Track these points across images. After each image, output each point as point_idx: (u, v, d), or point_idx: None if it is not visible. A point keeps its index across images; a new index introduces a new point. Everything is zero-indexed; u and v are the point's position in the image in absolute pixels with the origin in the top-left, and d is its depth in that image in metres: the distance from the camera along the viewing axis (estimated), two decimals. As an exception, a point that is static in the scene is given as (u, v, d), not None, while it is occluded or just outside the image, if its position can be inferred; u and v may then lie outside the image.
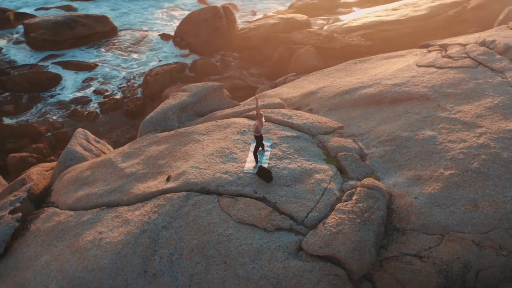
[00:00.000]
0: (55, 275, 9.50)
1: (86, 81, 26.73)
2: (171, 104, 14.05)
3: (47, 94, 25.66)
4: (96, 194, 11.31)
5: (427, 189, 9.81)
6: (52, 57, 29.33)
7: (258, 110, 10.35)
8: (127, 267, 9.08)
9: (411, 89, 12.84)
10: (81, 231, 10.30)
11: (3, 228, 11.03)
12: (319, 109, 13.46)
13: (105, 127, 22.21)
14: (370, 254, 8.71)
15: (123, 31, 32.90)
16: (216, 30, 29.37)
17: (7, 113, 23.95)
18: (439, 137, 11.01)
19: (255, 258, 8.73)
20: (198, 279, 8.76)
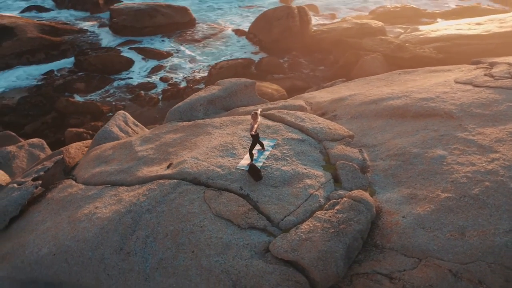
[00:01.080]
0: (50, 240, 10.18)
1: (156, 68, 27.97)
2: (200, 96, 14.41)
3: (118, 76, 27.18)
4: (107, 172, 11.93)
5: (418, 209, 9.33)
6: (129, 42, 30.99)
7: (256, 112, 10.37)
8: (107, 242, 9.53)
9: (437, 105, 12.20)
10: (83, 204, 10.94)
11: (22, 193, 11.96)
12: (343, 116, 13.19)
13: (161, 114, 23.13)
14: (337, 266, 8.48)
15: (201, 24, 33.96)
16: (288, 29, 29.47)
17: (78, 91, 25.71)
18: (449, 157, 10.41)
19: (221, 252, 8.82)
20: (165, 263, 9.02)
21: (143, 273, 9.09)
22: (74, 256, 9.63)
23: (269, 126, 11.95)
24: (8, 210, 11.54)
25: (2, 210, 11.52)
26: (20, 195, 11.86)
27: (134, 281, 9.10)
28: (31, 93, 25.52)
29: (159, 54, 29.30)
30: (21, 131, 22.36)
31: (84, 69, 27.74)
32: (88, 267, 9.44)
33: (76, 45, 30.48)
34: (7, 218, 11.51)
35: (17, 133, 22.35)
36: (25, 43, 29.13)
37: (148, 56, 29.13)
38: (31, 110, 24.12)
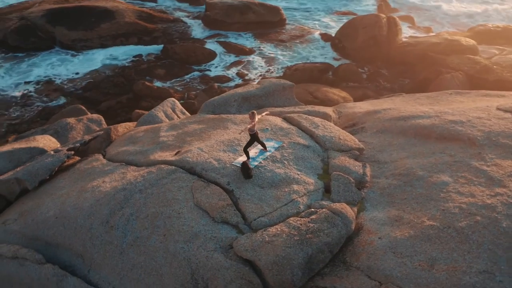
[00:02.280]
0: (58, 204, 11.10)
1: (235, 63, 28.77)
2: (236, 92, 14.73)
3: (198, 67, 28.35)
4: (128, 151, 12.67)
5: (397, 233, 8.90)
6: (217, 36, 32.13)
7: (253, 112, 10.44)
8: (97, 214, 10.21)
9: (464, 130, 11.42)
10: (96, 177, 11.75)
11: (54, 160, 13.06)
12: (369, 129, 12.80)
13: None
14: (293, 274, 8.38)
15: (291, 25, 34.23)
16: (373, 38, 28.78)
17: (158, 76, 27.23)
18: (452, 185, 9.76)
19: (188, 240, 9.09)
20: (140, 242, 9.49)
21: (119, 248, 9.63)
22: (69, 222, 10.43)
23: (282, 129, 11.95)
24: (39, 173, 12.66)
25: (34, 172, 12.66)
26: (52, 161, 12.96)
27: (111, 254, 9.67)
28: (115, 73, 27.47)
29: (241, 50, 30.05)
30: (98, 107, 24.18)
31: (169, 57, 29.26)
32: (78, 233, 10.18)
33: (168, 33, 32.19)
34: (37, 180, 12.62)
35: (94, 108, 24.28)
36: (122, 27, 31.37)
37: (231, 50, 30.00)
38: (111, 89, 26.00)
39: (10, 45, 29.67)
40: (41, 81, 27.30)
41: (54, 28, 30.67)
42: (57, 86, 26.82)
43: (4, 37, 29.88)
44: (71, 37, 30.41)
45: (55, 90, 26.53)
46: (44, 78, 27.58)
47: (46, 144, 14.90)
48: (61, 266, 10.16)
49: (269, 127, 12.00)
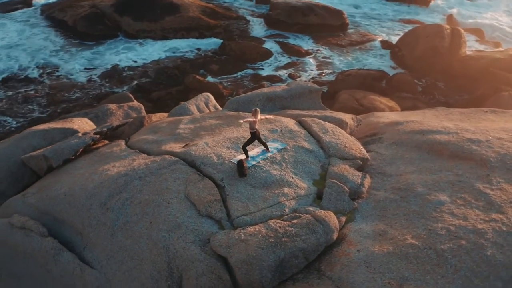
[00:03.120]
0: (70, 183, 11.71)
1: (289, 64, 28.78)
2: (262, 91, 14.81)
3: (251, 65, 28.63)
4: (146, 140, 13.11)
5: (376, 247, 8.66)
6: (276, 36, 32.26)
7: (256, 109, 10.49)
8: (98, 195, 10.69)
9: (478, 150, 10.84)
10: (110, 161, 12.27)
11: (79, 142, 13.71)
12: (387, 140, 12.45)
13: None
14: (261, 275, 8.40)
15: (352, 30, 33.69)
16: (433, 49, 27.70)
17: (211, 71, 27.82)
18: (447, 205, 9.33)
19: (171, 229, 9.34)
20: (129, 226, 9.87)
21: (111, 229, 10.05)
22: (74, 200, 10.98)
23: (292, 131, 11.90)
24: (64, 153, 13.38)
25: (60, 152, 13.39)
26: (77, 142, 13.65)
27: (103, 234, 10.12)
28: (171, 65, 28.36)
29: (298, 51, 29.98)
30: (149, 96, 25.08)
31: (226, 53, 29.77)
32: (80, 212, 10.71)
33: (229, 30, 32.74)
34: (61, 159, 13.35)
35: (145, 97, 25.21)
36: (185, 21, 32.28)
37: (287, 51, 30.03)
38: (164, 80, 26.88)
39: (78, 31, 31.43)
40: (104, 67, 28.69)
41: (121, 17, 32.12)
42: (117, 73, 28.07)
43: (74, 24, 31.70)
44: (135, 27, 31.71)
45: (115, 76, 27.78)
46: (106, 64, 28.96)
47: (81, 126, 15.68)
48: (63, 241, 10.73)
49: (279, 129, 11.99)
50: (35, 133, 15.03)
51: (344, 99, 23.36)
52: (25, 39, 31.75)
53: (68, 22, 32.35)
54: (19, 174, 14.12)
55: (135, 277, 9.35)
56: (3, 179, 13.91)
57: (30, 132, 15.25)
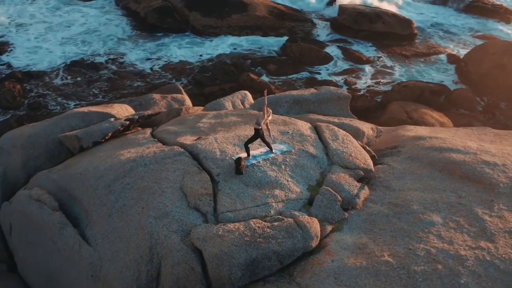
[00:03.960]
0: (88, 164, 12.33)
1: (348, 71, 28.38)
2: (290, 94, 14.77)
3: (309, 68, 28.54)
4: (169, 131, 13.52)
5: (350, 260, 8.46)
6: (340, 41, 31.85)
7: (268, 110, 10.55)
8: (105, 177, 11.23)
9: (491, 173, 10.23)
10: (128, 147, 12.77)
11: (109, 126, 14.34)
12: (403, 154, 12.04)
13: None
14: (231, 271, 8.49)
15: (420, 41, 32.49)
16: (501, 66, 26.15)
17: (268, 71, 28.08)
18: (438, 227, 8.92)
19: (158, 217, 9.64)
20: (124, 209, 10.31)
21: (109, 211, 10.54)
22: (85, 180, 11.61)
23: (302, 135, 11.81)
24: (94, 135, 14.11)
25: (90, 134, 14.13)
26: (107, 127, 14.34)
27: (102, 215, 10.63)
28: (230, 62, 28.85)
29: (358, 58, 29.42)
30: (202, 90, 25.73)
31: (286, 54, 29.85)
32: (88, 191, 11.31)
33: (293, 31, 32.73)
34: (91, 141, 14.07)
35: (198, 91, 25.89)
36: (251, 19, 32.68)
37: (347, 57, 29.57)
38: (220, 76, 27.42)
39: (148, 22, 32.77)
40: (167, 59, 29.72)
41: (190, 12, 33.10)
42: (178, 66, 28.98)
43: (145, 15, 33.10)
44: (203, 22, 32.55)
45: (175, 68, 28.72)
46: (170, 56, 29.99)
47: (119, 112, 16.40)
48: (72, 217, 11.39)
49: (291, 131, 11.94)
50: (75, 115, 15.93)
51: (394, 110, 22.71)
52: (101, 27, 33.57)
53: (140, 13, 33.82)
54: (56, 151, 15.01)
55: (121, 258, 9.76)
56: (41, 154, 14.84)
57: (71, 113, 16.20)
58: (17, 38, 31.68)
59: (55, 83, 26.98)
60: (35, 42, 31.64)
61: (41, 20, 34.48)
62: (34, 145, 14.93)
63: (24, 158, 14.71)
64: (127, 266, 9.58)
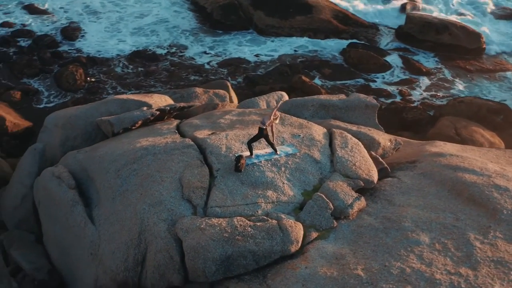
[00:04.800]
0: (109, 149, 12.92)
1: (405, 81, 27.49)
2: (317, 98, 14.67)
3: (365, 75, 27.96)
4: (191, 124, 13.88)
5: (323, 269, 8.36)
6: (402, 50, 30.89)
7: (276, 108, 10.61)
8: (117, 162, 11.74)
9: (498, 198, 9.66)
10: (150, 136, 13.20)
11: (139, 115, 14.89)
12: (418, 170, 11.57)
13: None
14: (205, 265, 8.68)
15: (488, 56, 30.78)
16: None
17: (322, 74, 27.88)
18: (423, 247, 8.60)
19: (152, 204, 9.99)
20: (126, 194, 10.78)
21: (113, 194, 11.05)
22: (101, 162, 12.23)
23: (313, 139, 11.69)
24: (124, 122, 14.74)
25: (122, 120, 14.78)
26: (137, 115, 14.94)
27: (107, 197, 11.17)
28: (287, 63, 28.87)
29: (418, 69, 28.37)
30: (253, 89, 25.98)
31: (344, 59, 29.45)
32: (101, 173, 11.91)
33: (355, 37, 32.13)
34: (121, 127, 14.71)
35: (250, 89, 26.16)
36: (314, 22, 32.45)
37: (407, 67, 28.60)
38: (273, 76, 27.52)
39: (213, 18, 33.42)
40: (225, 55, 30.26)
41: (255, 11, 33.39)
42: (235, 63, 29.38)
43: (211, 11, 33.80)
44: (266, 22, 32.75)
45: (232, 65, 29.13)
46: (228, 53, 30.50)
47: (157, 102, 16.99)
48: (86, 196, 12.01)
49: (302, 135, 11.87)
50: (114, 101, 16.70)
51: (442, 125, 21.77)
52: (169, 18, 34.72)
53: (207, 9, 34.60)
54: (93, 134, 15.83)
55: (115, 239, 10.20)
56: (78, 136, 15.71)
57: (111, 99, 17.01)
58: (90, 25, 33.43)
59: (116, 70, 28.23)
60: (105, 30, 33.23)
61: (114, 9, 36.20)
62: (73, 126, 15.79)
63: (62, 138, 15.60)
64: (119, 248, 10.00)
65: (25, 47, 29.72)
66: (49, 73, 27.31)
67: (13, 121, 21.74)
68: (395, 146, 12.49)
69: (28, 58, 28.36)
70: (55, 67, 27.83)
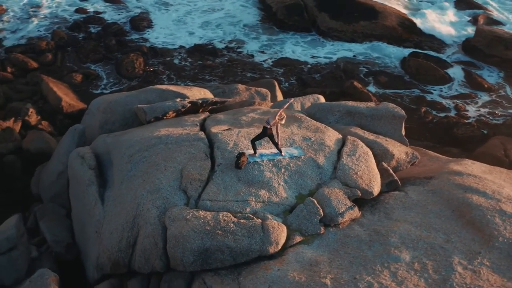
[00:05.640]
0: (133, 134, 13.47)
1: (463, 95, 26.40)
2: (345, 103, 14.42)
3: (422, 86, 27.02)
4: (215, 118, 14.10)
5: (293, 274, 8.32)
6: (465, 63, 29.54)
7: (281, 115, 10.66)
8: (132, 148, 12.23)
9: (498, 224, 9.08)
10: (172, 126, 13.47)
11: (171, 105, 15.32)
12: (429, 186, 11.09)
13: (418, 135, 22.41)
14: (183, 254, 8.93)
15: None
16: None
17: (377, 82, 27.29)
18: (401, 264, 8.33)
19: (150, 191, 10.39)
20: (131, 178, 11.27)
21: (122, 178, 11.60)
22: (120, 147, 12.80)
23: (323, 144, 11.53)
24: (156, 111, 15.26)
25: (154, 109, 15.30)
26: (169, 105, 15.40)
27: (118, 180, 11.73)
28: (343, 67, 28.51)
29: (479, 84, 26.93)
30: (304, 90, 25.91)
31: (403, 68, 28.63)
32: (117, 157, 12.51)
33: (419, 46, 31.10)
34: (153, 116, 15.22)
35: (301, 90, 26.09)
36: (378, 28, 31.75)
37: (468, 81, 27.24)
38: (326, 80, 27.31)
39: (277, 18, 33.62)
40: (282, 54, 30.40)
41: (319, 13, 33.21)
42: (291, 63, 29.44)
43: (276, 10, 34.01)
44: (329, 24, 32.49)
45: (288, 65, 29.21)
46: (285, 53, 30.60)
47: (195, 95, 17.40)
48: (104, 177, 12.64)
49: (313, 139, 11.78)
50: (154, 90, 17.31)
51: (491, 145, 20.68)
52: (236, 14, 35.38)
53: (273, 8, 34.84)
54: (130, 120, 16.50)
55: (115, 221, 10.71)
56: (117, 120, 16.45)
57: (151, 88, 17.64)
58: (159, 16, 34.72)
59: (175, 62, 29.19)
60: (173, 22, 34.40)
61: (184, 2, 37.34)
62: (113, 111, 16.55)
63: (102, 121, 16.39)
64: (116, 229, 10.48)
65: (94, 34, 31.42)
66: (111, 60, 28.74)
67: (69, 102, 23.12)
68: (411, 159, 12.09)
69: (95, 44, 29.98)
70: (118, 54, 29.23)
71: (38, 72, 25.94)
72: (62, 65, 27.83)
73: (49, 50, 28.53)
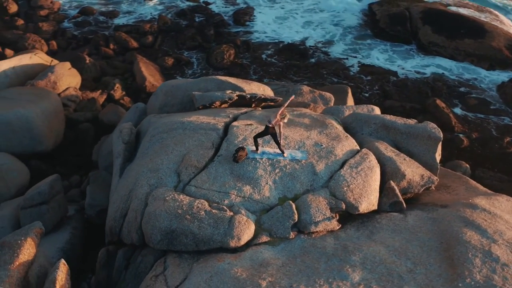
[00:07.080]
0: (168, 119, 14.21)
1: None
2: (382, 116, 13.86)
3: None
4: (251, 114, 14.41)
5: (236, 269, 8.42)
6: None
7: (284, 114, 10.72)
8: (157, 129, 12.98)
9: (476, 265, 8.25)
10: (205, 115, 14.09)
11: (218, 96, 15.55)
12: (435, 213, 10.46)
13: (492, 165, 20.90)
14: (152, 232, 9.48)
15: None
16: None
17: (465, 104, 25.74)
18: (345, 283, 8.03)
19: (151, 170, 11.03)
20: (144, 157, 12.01)
21: (140, 154, 12.49)
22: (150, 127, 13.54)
23: (330, 152, 11.23)
24: (204, 99, 15.78)
25: (203, 98, 15.94)
26: (217, 96, 15.78)
27: (137, 156, 12.53)
28: (431, 84, 27.11)
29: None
30: (383, 102, 25.19)
31: (499, 93, 26.52)
32: (145, 135, 13.28)
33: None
34: (200, 103, 15.82)
35: (380, 102, 25.34)
36: (483, 48, 29.34)
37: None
38: (412, 95, 25.81)
39: (378, 26, 32.76)
40: (372, 62, 29.69)
41: (423, 25, 31.75)
42: (379, 72, 28.60)
43: (379, 18, 33.14)
44: (430, 38, 30.93)
45: (374, 74, 28.43)
46: (376, 61, 29.83)
47: (252, 89, 17.82)
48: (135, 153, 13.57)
49: (325, 146, 11.63)
50: (213, 80, 18.02)
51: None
52: (341, 17, 35.17)
53: (377, 15, 34.03)
54: (187, 105, 17.39)
55: (120, 192, 11.53)
56: (175, 104, 17.43)
57: (211, 78, 18.36)
58: (263, 12, 35.51)
59: (263, 58, 29.78)
60: (276, 18, 35.02)
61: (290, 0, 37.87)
62: (173, 95, 17.54)
63: (162, 103, 17.46)
64: (117, 200, 11.30)
65: (196, 22, 33.07)
66: (206, 49, 30.08)
67: (152, 83, 24.75)
68: (425, 183, 11.39)
69: (194, 32, 31.53)
70: (213, 44, 30.50)
71: (135, 52, 28.04)
72: (159, 48, 29.78)
73: (151, 33, 30.64)
